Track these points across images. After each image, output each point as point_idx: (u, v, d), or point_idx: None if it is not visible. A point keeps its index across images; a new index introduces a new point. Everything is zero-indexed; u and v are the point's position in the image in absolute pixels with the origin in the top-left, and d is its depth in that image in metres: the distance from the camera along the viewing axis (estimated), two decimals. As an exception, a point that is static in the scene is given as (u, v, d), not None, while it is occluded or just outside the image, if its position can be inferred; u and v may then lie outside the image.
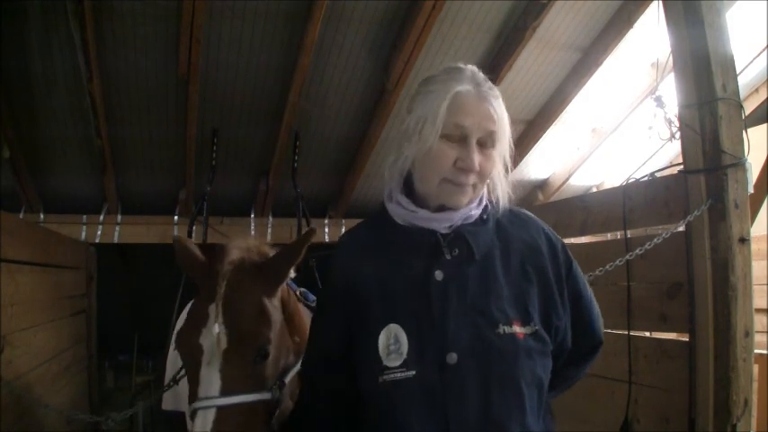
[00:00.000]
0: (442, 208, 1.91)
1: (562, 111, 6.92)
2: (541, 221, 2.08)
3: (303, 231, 6.31)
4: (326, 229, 7.53)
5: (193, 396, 2.04)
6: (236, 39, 5.33)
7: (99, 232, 6.67)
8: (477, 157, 1.83)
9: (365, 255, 1.99)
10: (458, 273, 1.85)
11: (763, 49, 7.74)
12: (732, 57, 3.54)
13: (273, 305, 2.29)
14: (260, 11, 5.12)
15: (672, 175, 3.75)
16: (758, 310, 4.47)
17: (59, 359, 5.06)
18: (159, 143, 6.19)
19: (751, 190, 3.44)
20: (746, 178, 3.37)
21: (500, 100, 1.90)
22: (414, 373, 1.78)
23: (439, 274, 1.84)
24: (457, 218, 1.90)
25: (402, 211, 1.94)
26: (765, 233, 6.69)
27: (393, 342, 1.82)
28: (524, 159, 7.64)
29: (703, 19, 3.44)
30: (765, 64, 7.81)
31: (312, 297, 3.02)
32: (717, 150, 3.27)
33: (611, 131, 7.74)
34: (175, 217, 6.98)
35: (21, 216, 6.32)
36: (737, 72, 3.50)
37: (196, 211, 6.19)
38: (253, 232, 7.24)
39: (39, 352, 4.39)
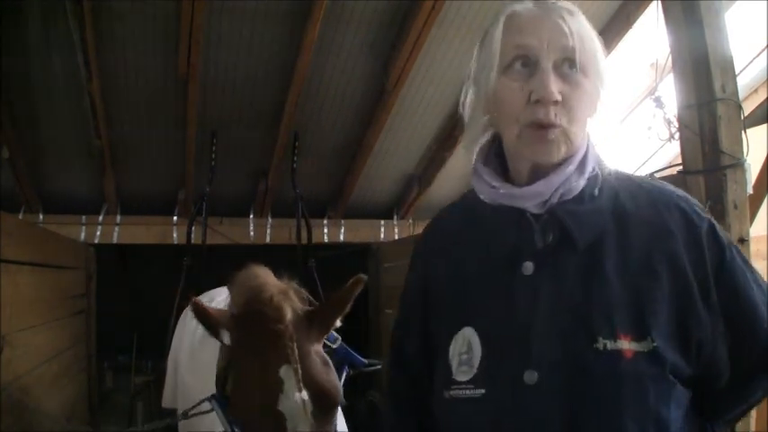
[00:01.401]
0: (534, 180, 1.44)
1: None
2: (679, 192, 1.51)
3: (302, 232, 6.41)
4: (326, 230, 7.53)
5: None
6: (236, 39, 5.34)
7: (98, 233, 6.70)
8: (555, 84, 1.36)
9: (445, 241, 1.63)
10: (552, 266, 1.41)
11: (763, 50, 7.76)
12: (731, 57, 3.53)
13: (324, 355, 2.19)
14: (259, 11, 5.13)
15: (671, 176, 3.73)
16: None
17: (59, 359, 5.06)
18: (158, 144, 6.22)
19: (750, 191, 3.44)
20: (745, 179, 3.35)
21: (579, 17, 1.46)
22: (483, 392, 1.38)
23: (528, 267, 1.41)
24: (550, 191, 1.41)
25: (484, 187, 1.50)
26: (765, 234, 6.69)
27: (465, 351, 1.44)
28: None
29: (702, 19, 3.40)
30: (765, 64, 7.84)
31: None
32: (716, 151, 3.25)
33: (611, 131, 7.73)
34: (174, 217, 6.99)
35: (20, 216, 6.33)
36: (737, 73, 3.50)
37: (195, 212, 6.21)
38: (252, 233, 7.26)
39: (38, 352, 4.40)
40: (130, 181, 6.61)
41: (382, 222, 7.81)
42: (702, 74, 3.36)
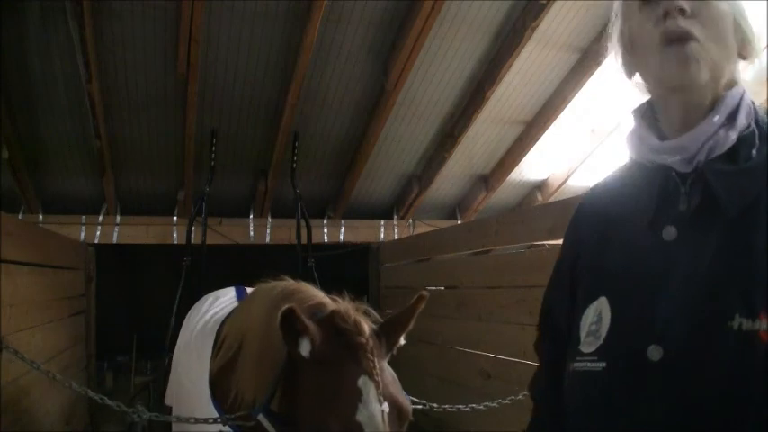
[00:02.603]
0: (686, 126, 1.31)
1: (561, 111, 6.90)
2: None
3: (302, 232, 6.40)
4: (325, 230, 7.52)
5: None
6: (235, 39, 5.34)
7: (98, 233, 6.69)
8: None
9: (596, 205, 1.52)
10: (696, 232, 1.26)
11: (763, 49, 7.73)
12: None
13: (392, 372, 2.21)
14: (259, 11, 5.14)
15: (670, 175, 3.72)
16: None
17: (58, 360, 5.05)
18: (158, 144, 6.21)
19: None
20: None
21: None
22: (603, 365, 1.28)
23: (670, 232, 1.28)
24: (696, 144, 1.28)
25: (635, 141, 1.42)
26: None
27: (596, 321, 1.33)
28: (523, 160, 7.62)
29: None
30: (765, 64, 7.81)
31: None
32: None
33: (611, 131, 7.73)
34: (174, 218, 6.99)
35: (20, 217, 6.33)
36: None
37: (195, 212, 6.20)
38: (252, 233, 7.25)
39: (38, 352, 4.38)
40: (130, 181, 6.61)
41: (382, 222, 7.80)
42: None
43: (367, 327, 2.14)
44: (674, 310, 1.20)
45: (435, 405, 3.20)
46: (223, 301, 3.37)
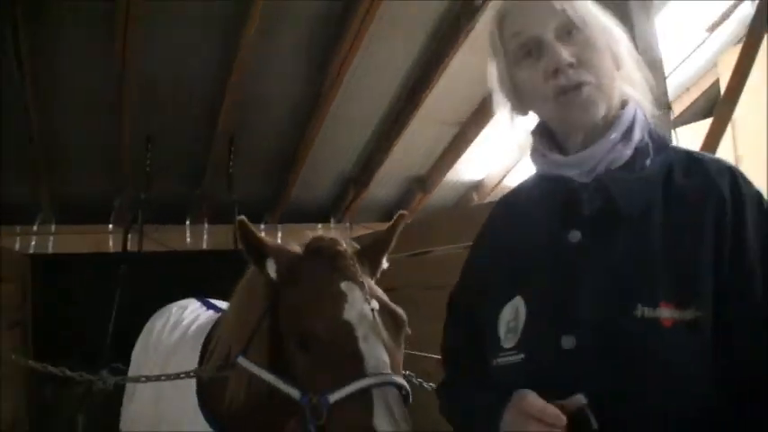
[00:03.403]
0: (585, 145, 1.50)
1: (496, 112, 6.98)
2: (731, 166, 1.49)
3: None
4: (263, 235, 7.46)
5: (351, 374, 1.79)
6: (171, 44, 5.35)
7: (33, 242, 6.60)
8: (561, 49, 1.44)
9: (506, 215, 1.72)
10: (598, 234, 1.43)
11: (694, 51, 8.06)
12: (660, 59, 3.65)
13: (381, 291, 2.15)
14: (195, 17, 5.17)
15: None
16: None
17: (-4, 373, 4.97)
18: (94, 151, 6.18)
19: None
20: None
21: None
22: (523, 356, 1.43)
23: (575, 235, 1.45)
24: (595, 158, 1.47)
25: (538, 157, 1.60)
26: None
27: (513, 318, 1.48)
28: (459, 160, 7.74)
29: (633, 21, 3.52)
30: (697, 65, 8.18)
31: None
32: None
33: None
34: (110, 225, 6.92)
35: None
36: (667, 74, 3.60)
37: (131, 220, 6.15)
38: (188, 239, 7.24)
39: (-26, 367, 4.31)
40: (65, 189, 6.54)
41: (320, 226, 7.79)
42: None
43: (345, 244, 2.14)
44: (584, 303, 1.37)
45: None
46: (192, 311, 3.30)
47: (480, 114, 7.06)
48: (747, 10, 4.82)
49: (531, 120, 1.67)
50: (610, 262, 1.39)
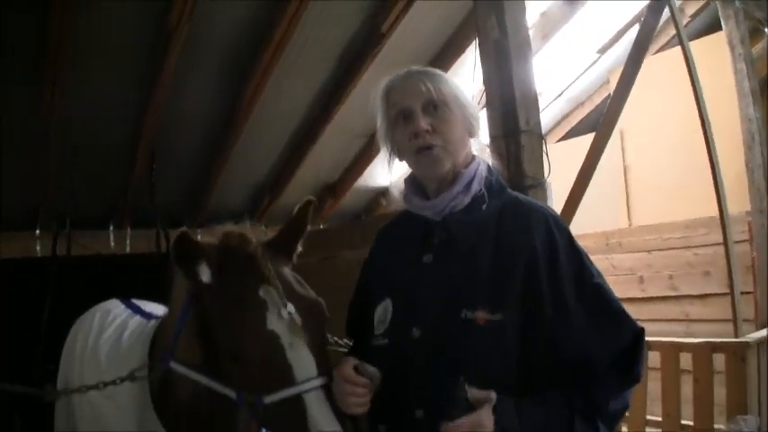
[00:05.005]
0: (437, 196, 2.06)
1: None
2: (550, 210, 2.09)
3: (161, 243, 6.60)
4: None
5: (282, 382, 1.92)
6: (98, 63, 5.54)
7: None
8: (423, 120, 1.99)
9: (384, 240, 2.30)
10: (443, 257, 1.99)
11: (585, 70, 8.71)
12: (535, 95, 4.10)
13: (297, 276, 2.26)
14: (121, 44, 5.43)
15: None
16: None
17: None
18: (19, 160, 6.19)
19: (552, 204, 4.06)
20: (546, 196, 3.98)
21: (439, 75, 2.11)
22: (387, 341, 2.01)
23: (428, 258, 2.02)
24: (442, 205, 2.03)
25: (407, 199, 2.15)
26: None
27: (383, 313, 2.05)
28: (368, 169, 8.21)
29: (511, 61, 3.96)
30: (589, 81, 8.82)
31: None
32: (520, 174, 3.85)
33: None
34: (37, 231, 7.00)
35: None
36: (543, 107, 4.03)
37: (57, 227, 6.36)
38: (113, 244, 7.42)
39: None
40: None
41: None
42: (509, 109, 3.94)
43: (251, 239, 2.20)
44: (428, 306, 1.96)
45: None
46: (116, 315, 3.26)
47: (388, 127, 7.45)
48: (634, 34, 5.40)
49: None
50: (448, 278, 1.96)
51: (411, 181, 2.19)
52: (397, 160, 2.24)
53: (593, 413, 1.81)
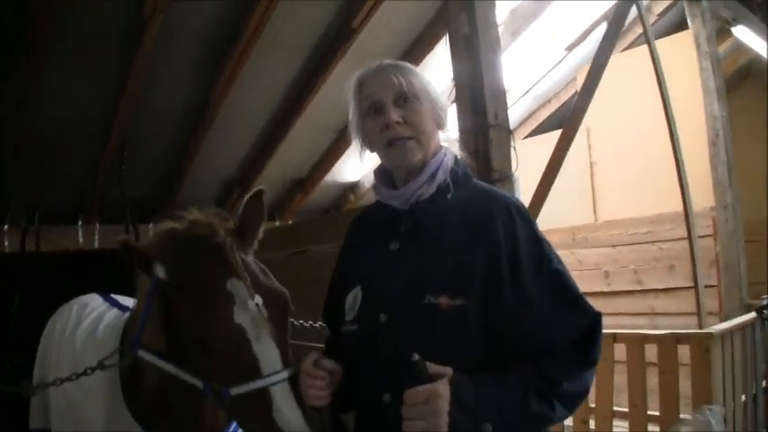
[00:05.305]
0: (406, 183, 2.07)
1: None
2: (514, 199, 2.10)
3: (126, 236, 6.50)
4: (151, 234, 7.56)
5: (248, 374, 1.95)
6: (70, 55, 5.54)
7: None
8: (394, 112, 2.01)
9: (357, 229, 2.31)
10: (409, 245, 2.01)
11: (553, 67, 8.78)
12: (504, 90, 4.16)
13: (260, 264, 2.26)
14: (94, 30, 5.41)
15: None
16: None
17: None
18: None
19: (521, 197, 4.11)
20: (514, 189, 4.03)
21: (410, 69, 2.12)
22: (356, 327, 2.03)
23: (395, 245, 2.03)
24: (408, 194, 2.04)
25: (376, 190, 2.18)
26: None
27: (353, 300, 2.06)
28: (336, 164, 8.26)
29: (480, 56, 3.98)
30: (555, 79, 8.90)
31: None
32: (488, 168, 3.88)
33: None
34: (5, 226, 6.94)
35: None
36: (512, 102, 4.07)
37: (25, 222, 6.34)
38: (81, 240, 7.39)
39: None
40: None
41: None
42: (478, 104, 3.97)
43: (222, 228, 2.17)
44: (393, 292, 1.97)
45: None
46: (93, 308, 3.25)
47: (356, 123, 7.50)
48: (602, 32, 5.48)
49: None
50: (413, 265, 1.98)
51: (380, 172, 2.21)
52: (368, 152, 2.22)
53: (548, 390, 1.84)
